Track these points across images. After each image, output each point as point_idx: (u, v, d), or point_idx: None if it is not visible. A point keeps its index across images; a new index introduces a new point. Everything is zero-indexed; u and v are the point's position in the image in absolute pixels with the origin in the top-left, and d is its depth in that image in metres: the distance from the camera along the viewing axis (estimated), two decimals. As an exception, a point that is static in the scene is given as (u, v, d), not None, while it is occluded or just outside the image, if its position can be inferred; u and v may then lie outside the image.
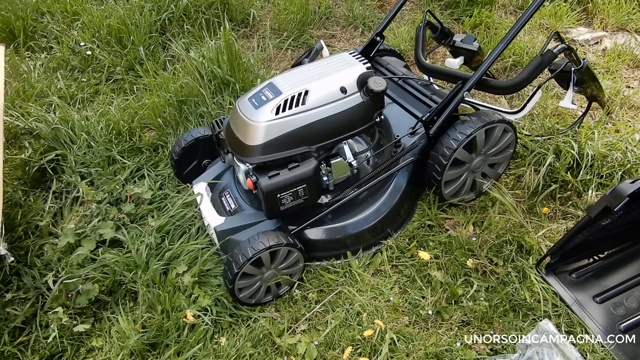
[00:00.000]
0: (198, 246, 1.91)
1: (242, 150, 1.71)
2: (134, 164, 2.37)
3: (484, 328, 1.72)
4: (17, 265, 1.89)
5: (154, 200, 2.16)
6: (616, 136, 2.35)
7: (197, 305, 1.75)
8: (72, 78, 3.02)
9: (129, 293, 1.87)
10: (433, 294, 1.81)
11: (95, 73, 3.07)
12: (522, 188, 2.20)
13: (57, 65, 3.12)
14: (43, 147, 2.39)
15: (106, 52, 3.11)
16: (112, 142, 2.46)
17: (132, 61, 3.06)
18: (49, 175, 2.33)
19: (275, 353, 1.69)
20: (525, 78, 1.90)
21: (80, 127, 2.46)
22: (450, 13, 3.47)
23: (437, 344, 1.66)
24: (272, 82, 1.76)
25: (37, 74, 2.94)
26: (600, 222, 1.68)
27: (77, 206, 2.17)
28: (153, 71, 2.85)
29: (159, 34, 3.26)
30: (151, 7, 3.27)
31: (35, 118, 2.50)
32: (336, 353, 1.66)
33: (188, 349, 1.67)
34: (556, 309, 1.74)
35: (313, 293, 1.85)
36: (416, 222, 2.08)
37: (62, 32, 3.34)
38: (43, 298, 1.82)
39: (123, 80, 3.02)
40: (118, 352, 1.67)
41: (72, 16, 3.45)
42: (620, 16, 3.30)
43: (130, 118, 2.59)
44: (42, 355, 1.69)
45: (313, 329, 1.75)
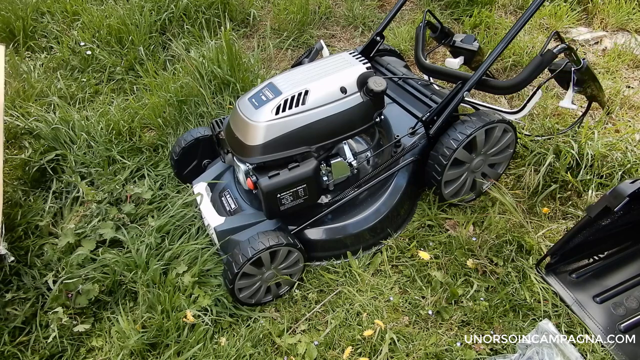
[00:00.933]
0: (198, 246, 1.91)
1: (242, 150, 1.71)
2: (134, 164, 2.37)
3: (484, 328, 1.72)
4: (17, 265, 1.89)
5: (154, 200, 2.16)
6: (616, 136, 2.34)
7: (197, 305, 1.75)
8: (72, 78, 3.02)
9: (129, 293, 1.87)
10: (433, 294, 1.81)
11: (95, 73, 3.07)
12: (522, 188, 2.20)
13: (57, 65, 3.12)
14: (43, 147, 2.39)
15: (106, 52, 3.11)
16: (112, 142, 2.46)
17: (132, 61, 3.06)
18: (49, 175, 2.33)
19: (275, 353, 1.69)
20: (525, 78, 1.90)
21: (80, 127, 2.46)
22: (450, 13, 3.46)
23: (437, 344, 1.66)
24: (272, 82, 1.76)
25: (37, 74, 2.94)
26: (600, 222, 1.68)
27: (77, 206, 2.17)
28: (153, 71, 2.85)
29: (159, 34, 3.26)
30: (151, 7, 3.27)
31: (35, 118, 2.50)
32: (336, 353, 1.66)
33: (188, 349, 1.67)
34: (556, 309, 1.74)
35: (313, 293, 1.85)
36: (416, 222, 2.08)
37: (62, 32, 3.33)
38: (43, 298, 1.82)
39: (123, 80, 3.02)
40: (118, 352, 1.67)
41: (72, 16, 3.45)
42: (620, 16, 3.30)
43: (130, 118, 2.59)
44: (42, 355, 1.69)
45: (313, 329, 1.75)
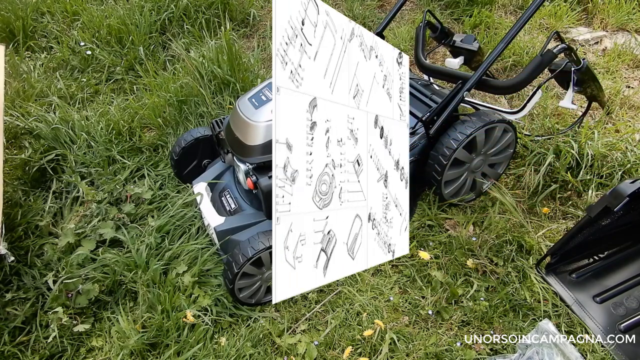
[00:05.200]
0: (198, 246, 1.91)
1: (242, 150, 1.71)
2: (134, 164, 2.37)
3: (484, 328, 1.72)
4: (17, 265, 1.89)
5: (154, 200, 2.16)
6: (616, 136, 2.35)
7: (197, 305, 1.75)
8: (72, 78, 3.02)
9: (129, 293, 1.87)
10: (433, 294, 1.81)
11: (95, 73, 3.07)
12: (522, 188, 2.20)
13: (57, 65, 3.12)
14: (43, 147, 2.39)
15: (106, 52, 3.11)
16: (112, 142, 2.46)
17: (132, 61, 3.06)
18: (49, 175, 2.33)
19: (275, 353, 1.69)
20: (525, 78, 1.90)
21: (80, 127, 2.46)
22: (450, 13, 3.46)
23: (437, 344, 1.66)
24: (272, 82, 1.75)
25: (37, 74, 2.94)
26: (600, 222, 1.68)
27: (77, 206, 2.18)
28: (153, 71, 2.85)
29: (159, 34, 3.26)
30: (151, 7, 3.27)
31: (35, 118, 2.50)
32: (336, 353, 1.66)
33: (188, 349, 1.67)
34: (556, 309, 1.74)
35: (313, 293, 1.85)
36: (416, 222, 2.08)
37: (62, 32, 3.33)
38: (43, 298, 1.82)
39: (123, 80, 3.02)
40: (118, 352, 1.67)
41: (72, 16, 3.45)
42: (620, 16, 3.30)
43: (130, 118, 2.59)
44: (42, 355, 1.69)
45: (313, 329, 1.75)
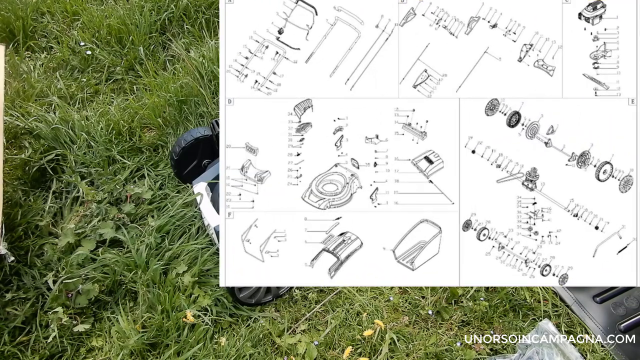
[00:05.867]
0: (198, 246, 1.91)
1: (242, 150, 1.70)
2: (134, 164, 2.37)
3: (484, 328, 1.72)
4: (17, 265, 1.89)
5: (154, 200, 2.16)
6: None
7: (197, 305, 1.75)
8: (72, 78, 3.02)
9: (129, 293, 1.87)
10: (433, 294, 1.81)
11: (95, 73, 3.07)
12: (522, 188, 2.20)
13: (57, 65, 3.12)
14: (43, 147, 2.39)
15: (106, 52, 3.11)
16: (112, 142, 2.46)
17: (132, 61, 3.06)
18: (49, 175, 2.33)
19: (275, 353, 1.69)
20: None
21: (80, 127, 2.46)
22: (450, 13, 3.46)
23: (437, 344, 1.66)
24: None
25: (37, 74, 2.93)
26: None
27: (77, 206, 2.18)
28: (153, 71, 2.85)
29: (159, 34, 3.26)
30: (151, 7, 3.27)
31: (35, 118, 2.50)
32: (336, 353, 1.66)
33: (188, 349, 1.67)
34: (556, 309, 1.74)
35: (313, 293, 1.85)
36: (416, 222, 2.08)
37: (62, 32, 3.33)
38: (43, 298, 1.82)
39: (123, 80, 3.02)
40: (118, 352, 1.67)
41: (72, 16, 3.45)
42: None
43: (130, 118, 2.59)
44: (42, 355, 1.69)
45: (313, 329, 1.75)
